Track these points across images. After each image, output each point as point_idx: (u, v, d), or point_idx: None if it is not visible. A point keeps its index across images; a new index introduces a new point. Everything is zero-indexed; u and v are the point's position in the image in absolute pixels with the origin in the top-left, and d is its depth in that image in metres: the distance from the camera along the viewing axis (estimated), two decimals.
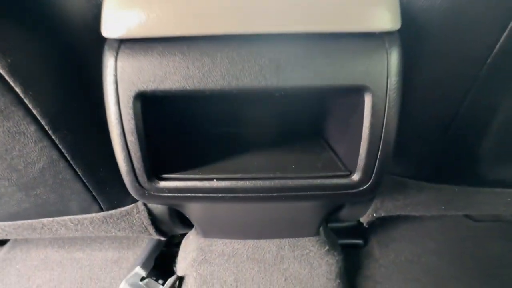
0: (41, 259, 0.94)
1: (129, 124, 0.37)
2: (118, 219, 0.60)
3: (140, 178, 0.41)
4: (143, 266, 0.81)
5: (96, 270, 0.90)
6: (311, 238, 0.75)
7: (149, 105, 0.39)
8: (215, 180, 0.43)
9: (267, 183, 0.43)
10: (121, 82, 0.35)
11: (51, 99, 0.42)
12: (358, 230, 0.95)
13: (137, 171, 0.40)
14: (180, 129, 0.57)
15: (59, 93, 0.42)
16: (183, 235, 0.86)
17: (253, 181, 0.43)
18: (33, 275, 0.90)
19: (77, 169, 0.51)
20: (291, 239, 0.75)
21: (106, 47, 0.35)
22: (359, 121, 0.38)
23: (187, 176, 0.44)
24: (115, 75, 0.35)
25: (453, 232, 0.95)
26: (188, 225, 0.74)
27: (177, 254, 0.85)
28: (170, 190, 0.43)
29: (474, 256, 0.89)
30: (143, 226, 0.63)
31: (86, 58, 0.41)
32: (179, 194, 0.44)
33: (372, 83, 0.35)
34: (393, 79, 0.35)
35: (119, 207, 0.59)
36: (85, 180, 0.53)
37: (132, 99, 0.36)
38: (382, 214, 0.66)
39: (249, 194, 0.44)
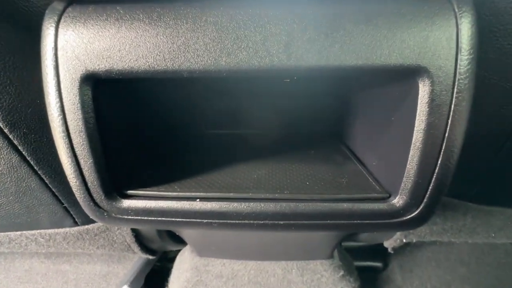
0: (25, 270, 0.87)
1: (75, 119, 0.27)
2: (96, 235, 0.51)
3: (94, 195, 0.31)
4: (131, 285, 0.72)
5: (82, 285, 0.82)
6: (323, 261, 0.64)
7: (105, 92, 0.29)
8: (198, 200, 0.32)
9: (270, 206, 0.31)
10: (63, 59, 0.25)
11: (2, 90, 0.33)
12: (376, 250, 0.83)
13: (89, 184, 0.30)
14: (152, 128, 0.44)
15: (12, 82, 0.34)
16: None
17: (251, 203, 0.31)
18: None
19: (43, 176, 0.42)
20: (299, 261, 0.64)
21: (47, 12, 0.26)
22: (407, 120, 0.27)
23: (160, 193, 0.33)
24: (55, 49, 0.25)
25: (489, 256, 0.82)
26: (182, 241, 0.64)
27: (171, 270, 0.75)
28: (137, 211, 0.32)
29: None
30: (125, 243, 0.54)
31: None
32: (149, 218, 0.32)
33: (433, 63, 0.24)
34: (466, 57, 0.24)
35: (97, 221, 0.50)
36: (54, 189, 0.44)
37: (78, 82, 0.26)
38: (414, 240, 0.54)
39: (246, 221, 0.32)
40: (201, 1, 0.25)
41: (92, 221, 0.51)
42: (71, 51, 0.25)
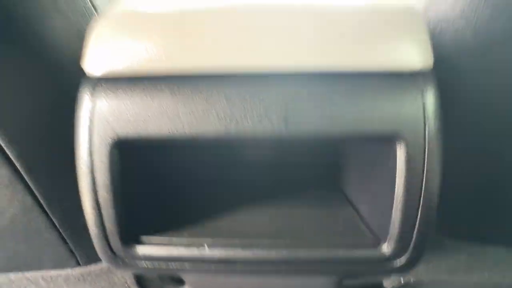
0: None
1: (103, 178, 0.31)
2: (97, 276, 0.51)
3: (112, 243, 0.33)
4: None
5: None
6: None
7: (128, 154, 0.33)
8: (206, 246, 0.34)
9: (273, 253, 0.34)
10: (98, 127, 0.29)
11: (27, 138, 0.37)
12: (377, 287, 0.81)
13: (109, 234, 0.33)
14: (163, 179, 0.49)
15: (37, 133, 0.37)
16: None
17: (256, 250, 0.34)
18: None
19: (52, 217, 0.44)
20: None
21: (83, 83, 0.30)
22: (389, 178, 0.31)
23: (171, 239, 0.35)
24: (91, 118, 0.29)
25: None
26: (181, 281, 0.64)
27: None
28: (149, 258, 0.35)
29: None
30: (125, 285, 0.53)
31: (70, 95, 0.37)
32: (159, 264, 0.35)
33: (406, 130, 0.29)
34: (432, 124, 0.29)
35: (99, 261, 0.51)
36: (61, 230, 0.46)
37: (109, 147, 0.30)
38: (412, 280, 0.54)
39: (251, 268, 0.35)
40: (214, 77, 0.30)
41: (94, 261, 0.51)
42: (104, 118, 0.30)
